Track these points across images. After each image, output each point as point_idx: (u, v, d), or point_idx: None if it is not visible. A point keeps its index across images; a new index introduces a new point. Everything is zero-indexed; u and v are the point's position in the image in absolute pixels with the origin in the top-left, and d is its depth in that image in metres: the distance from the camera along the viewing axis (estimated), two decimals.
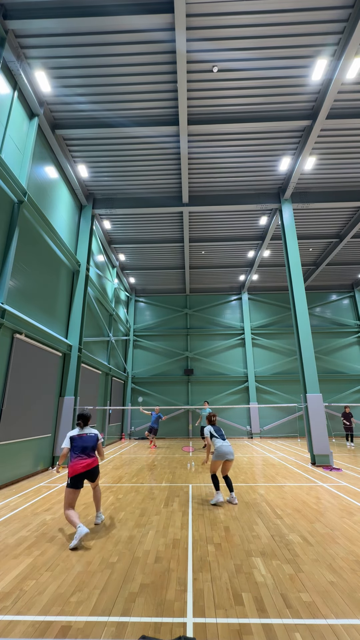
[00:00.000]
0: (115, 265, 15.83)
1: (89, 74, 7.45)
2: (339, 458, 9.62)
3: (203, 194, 11.54)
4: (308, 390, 8.99)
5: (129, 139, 9.20)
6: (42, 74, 7.31)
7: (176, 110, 8.40)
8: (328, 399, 17.53)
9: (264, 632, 2.14)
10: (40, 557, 3.27)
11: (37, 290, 8.02)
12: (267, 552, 3.31)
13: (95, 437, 4.34)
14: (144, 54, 7.05)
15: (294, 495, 5.54)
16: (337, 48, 6.92)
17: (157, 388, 18.40)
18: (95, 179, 10.82)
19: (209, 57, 7.08)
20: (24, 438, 7.00)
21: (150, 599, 2.52)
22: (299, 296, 9.99)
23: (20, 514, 4.64)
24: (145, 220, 12.98)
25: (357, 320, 19.16)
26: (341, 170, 10.50)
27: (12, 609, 2.42)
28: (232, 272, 17.82)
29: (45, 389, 8.13)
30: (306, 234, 14.07)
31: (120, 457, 10.32)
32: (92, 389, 11.86)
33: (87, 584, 2.74)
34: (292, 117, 8.55)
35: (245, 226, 13.47)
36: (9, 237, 6.75)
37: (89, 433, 4.31)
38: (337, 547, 3.43)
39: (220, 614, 2.33)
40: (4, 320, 6.23)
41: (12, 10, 6.35)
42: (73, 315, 10.04)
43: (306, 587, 2.67)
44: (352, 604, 2.43)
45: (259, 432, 16.97)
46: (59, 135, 8.91)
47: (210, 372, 18.61)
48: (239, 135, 9.15)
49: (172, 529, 3.99)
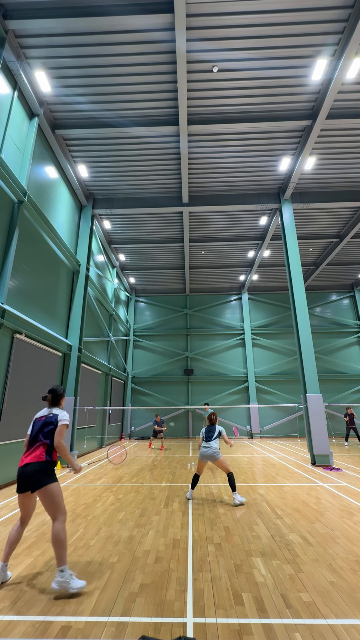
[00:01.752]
0: (115, 265, 15.83)
1: (89, 74, 7.45)
2: (338, 458, 9.62)
3: (203, 194, 11.54)
4: (308, 390, 8.99)
5: (129, 139, 9.20)
6: (42, 74, 7.31)
7: (176, 110, 8.40)
8: (328, 399, 17.53)
9: (264, 632, 2.14)
10: (40, 557, 3.27)
11: (37, 290, 8.02)
12: (267, 552, 3.31)
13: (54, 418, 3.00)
14: (144, 54, 7.05)
15: (294, 495, 5.54)
16: (337, 48, 6.92)
17: (157, 388, 18.39)
18: (95, 179, 10.82)
19: (209, 57, 7.08)
20: (24, 438, 7.00)
21: (150, 599, 2.52)
22: (299, 296, 9.99)
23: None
24: (145, 220, 12.98)
25: (357, 320, 19.16)
26: (341, 170, 10.50)
27: (12, 609, 2.42)
28: (232, 272, 17.82)
29: (45, 389, 8.12)
30: (306, 234, 14.07)
31: (121, 457, 10.32)
32: (92, 389, 11.86)
33: (87, 584, 2.74)
34: (292, 117, 8.56)
35: (245, 226, 13.46)
36: (9, 237, 6.75)
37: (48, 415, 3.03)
38: (337, 547, 3.42)
39: (220, 614, 2.33)
40: (4, 320, 6.23)
41: (12, 10, 6.35)
42: (73, 315, 10.04)
43: (306, 587, 2.67)
44: (352, 604, 2.43)
45: (259, 432, 16.97)
46: (59, 135, 8.91)
47: (210, 372, 18.60)
48: (239, 135, 9.15)
49: (172, 529, 3.99)
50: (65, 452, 2.87)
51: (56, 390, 3.19)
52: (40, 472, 2.74)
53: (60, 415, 3.00)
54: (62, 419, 2.98)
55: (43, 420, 3.00)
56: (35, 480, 2.71)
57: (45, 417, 3.01)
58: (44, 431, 2.92)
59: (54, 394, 3.17)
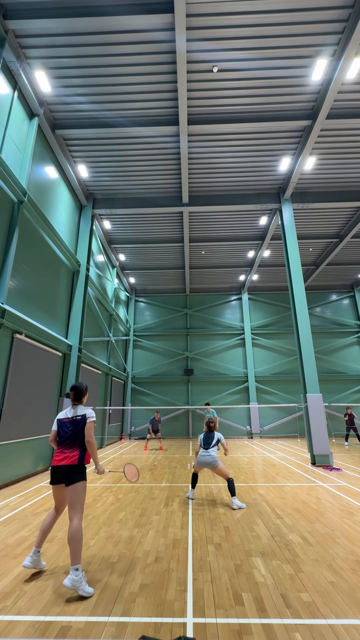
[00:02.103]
0: (115, 265, 15.83)
1: (89, 74, 7.45)
2: (338, 458, 9.62)
3: (203, 194, 11.54)
4: (308, 390, 8.99)
5: (129, 139, 9.20)
6: (42, 74, 7.31)
7: (176, 110, 8.40)
8: (328, 399, 17.53)
9: (264, 632, 2.14)
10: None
11: (37, 290, 8.02)
12: (267, 552, 3.31)
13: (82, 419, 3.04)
14: (144, 54, 7.05)
15: (294, 495, 5.54)
16: (337, 48, 6.92)
17: (157, 388, 18.39)
18: (95, 179, 10.82)
19: (209, 57, 7.08)
20: (24, 438, 7.00)
21: (150, 599, 2.52)
22: (299, 296, 9.99)
23: (20, 514, 4.64)
24: (145, 220, 12.97)
25: (357, 320, 19.16)
26: (341, 170, 10.50)
27: (12, 609, 2.42)
28: (232, 272, 17.82)
29: (45, 389, 8.12)
30: (306, 234, 14.07)
31: (121, 457, 10.32)
32: (92, 389, 11.86)
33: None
34: (292, 117, 8.56)
35: (245, 226, 13.46)
36: (9, 237, 6.75)
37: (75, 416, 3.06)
38: (337, 547, 3.42)
39: (220, 614, 2.33)
40: (4, 320, 6.22)
41: (12, 10, 6.35)
42: (73, 315, 10.04)
43: (306, 587, 2.67)
44: (352, 604, 2.43)
45: (259, 432, 16.97)
46: (59, 135, 8.91)
47: (210, 372, 18.60)
48: (239, 135, 9.15)
49: (172, 529, 3.99)
50: (94, 450, 2.97)
51: (79, 388, 3.21)
52: (75, 471, 2.88)
53: (88, 413, 3.06)
54: (90, 417, 3.04)
55: (71, 421, 3.04)
56: (69, 477, 2.86)
57: (73, 418, 3.05)
58: (74, 432, 2.98)
59: (76, 391, 3.19)
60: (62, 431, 3.04)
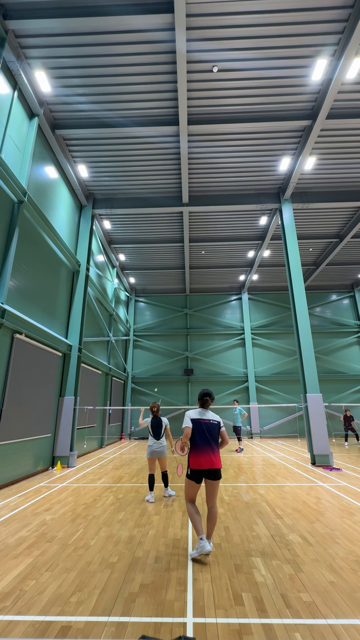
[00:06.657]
0: (115, 265, 15.83)
1: (89, 74, 7.45)
2: (338, 458, 9.62)
3: (203, 194, 11.54)
4: (308, 390, 8.99)
5: (129, 139, 9.20)
6: (42, 74, 7.30)
7: (176, 110, 8.40)
8: (328, 399, 17.53)
9: (264, 632, 2.14)
10: (40, 557, 3.27)
11: (37, 290, 8.02)
12: (267, 552, 3.31)
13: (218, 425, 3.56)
14: (144, 54, 7.05)
15: (294, 495, 5.54)
16: (337, 48, 6.92)
17: (157, 388, 18.39)
18: (95, 179, 10.82)
19: (209, 57, 7.08)
20: (24, 438, 7.00)
21: (150, 599, 2.52)
22: (299, 296, 9.99)
23: (20, 514, 4.64)
24: (145, 220, 12.97)
25: (357, 320, 19.16)
26: (341, 170, 10.50)
27: (12, 609, 2.42)
28: (232, 272, 17.82)
29: (45, 389, 8.12)
30: (306, 234, 14.06)
31: (120, 457, 10.32)
32: (92, 389, 11.86)
33: (87, 584, 2.74)
34: (292, 117, 8.55)
35: (245, 226, 13.46)
36: (9, 237, 6.75)
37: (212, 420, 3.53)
38: (337, 547, 3.42)
39: (220, 614, 2.33)
40: (4, 320, 6.22)
41: (12, 10, 6.35)
42: (73, 315, 10.04)
43: (306, 587, 2.67)
44: (352, 604, 2.43)
45: (259, 432, 16.97)
46: (59, 135, 8.91)
47: (210, 372, 18.60)
48: (239, 135, 9.15)
49: (172, 529, 3.99)
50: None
51: (212, 395, 3.63)
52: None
53: (222, 420, 3.63)
54: (223, 424, 3.61)
55: (209, 423, 3.49)
56: (219, 475, 3.38)
57: (210, 421, 3.50)
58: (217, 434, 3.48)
59: (211, 398, 3.62)
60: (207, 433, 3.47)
